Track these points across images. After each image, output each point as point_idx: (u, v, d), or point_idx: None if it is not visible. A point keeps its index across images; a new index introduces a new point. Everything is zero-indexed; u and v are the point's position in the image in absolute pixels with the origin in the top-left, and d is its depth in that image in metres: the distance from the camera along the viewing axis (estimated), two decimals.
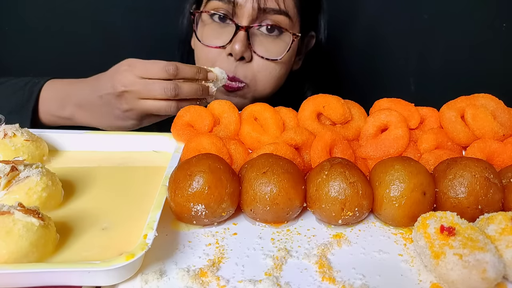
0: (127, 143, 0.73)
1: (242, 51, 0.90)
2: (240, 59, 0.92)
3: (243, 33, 0.90)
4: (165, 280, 0.47)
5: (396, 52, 1.36)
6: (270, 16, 0.91)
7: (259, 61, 0.94)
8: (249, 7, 0.89)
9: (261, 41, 0.93)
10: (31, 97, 0.85)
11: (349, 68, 1.39)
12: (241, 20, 0.91)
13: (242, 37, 0.90)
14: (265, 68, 0.94)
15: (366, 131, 0.71)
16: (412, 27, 1.31)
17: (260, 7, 0.89)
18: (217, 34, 0.94)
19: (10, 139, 0.63)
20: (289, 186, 0.55)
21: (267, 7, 0.89)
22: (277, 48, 0.94)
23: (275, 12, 0.91)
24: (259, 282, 0.47)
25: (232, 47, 0.90)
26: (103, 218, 0.54)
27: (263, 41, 0.93)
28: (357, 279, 0.49)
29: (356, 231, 0.58)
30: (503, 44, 1.30)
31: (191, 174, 0.54)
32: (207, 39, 0.95)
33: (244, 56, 0.91)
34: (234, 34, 0.90)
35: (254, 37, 0.92)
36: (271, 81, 0.97)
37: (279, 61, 0.95)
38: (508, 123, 0.70)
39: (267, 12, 0.90)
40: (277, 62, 0.95)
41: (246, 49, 0.91)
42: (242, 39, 0.90)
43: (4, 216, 0.45)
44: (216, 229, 0.57)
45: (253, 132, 0.70)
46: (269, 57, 0.93)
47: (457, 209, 0.55)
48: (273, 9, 0.90)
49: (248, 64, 0.94)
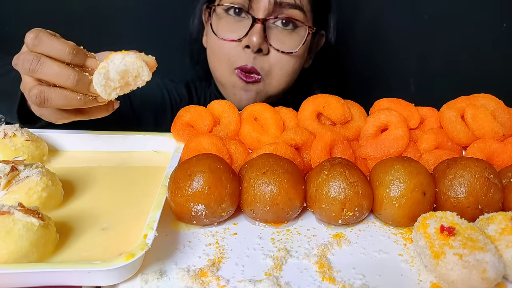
0: (127, 143, 0.73)
1: (259, 43, 0.90)
2: (258, 51, 0.92)
3: (260, 26, 0.90)
4: (165, 280, 0.47)
5: (396, 53, 1.36)
6: (286, 10, 0.92)
7: (275, 54, 0.94)
8: (265, 1, 0.90)
9: (276, 35, 0.94)
10: None
11: (349, 68, 1.39)
12: (257, 13, 0.91)
13: (259, 29, 0.90)
14: (279, 61, 0.95)
15: (366, 131, 0.71)
16: (412, 27, 1.31)
17: (276, 1, 0.90)
18: (232, 28, 0.94)
19: (10, 139, 0.64)
20: (289, 186, 0.55)
21: (283, 1, 0.90)
22: (292, 41, 0.95)
23: (290, 7, 0.92)
24: (259, 282, 0.47)
25: (249, 39, 0.91)
26: (103, 218, 0.54)
27: (278, 35, 0.94)
28: (357, 279, 0.49)
29: (356, 231, 0.58)
30: (503, 44, 1.30)
31: (191, 174, 0.54)
32: (223, 33, 0.95)
33: (262, 48, 0.92)
34: (251, 27, 0.91)
35: (270, 30, 0.93)
36: (285, 75, 0.98)
37: (294, 54, 0.96)
38: (508, 123, 0.70)
39: (282, 6, 0.91)
40: (292, 55, 0.96)
41: (263, 41, 0.91)
42: (259, 31, 0.90)
43: (4, 216, 0.45)
44: (216, 229, 0.57)
45: (253, 132, 0.70)
46: (285, 50, 0.94)
47: (457, 209, 0.55)
48: (289, 3, 0.91)
49: (265, 57, 0.94)
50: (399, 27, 1.32)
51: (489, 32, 1.29)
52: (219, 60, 0.97)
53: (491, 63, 1.32)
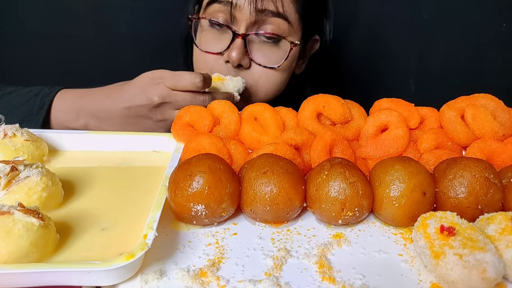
0: (127, 143, 0.73)
1: (239, 59, 0.90)
2: (238, 66, 0.92)
3: (240, 41, 0.90)
4: (165, 280, 0.47)
5: (396, 53, 1.36)
6: (269, 19, 0.90)
7: (258, 68, 0.93)
8: (247, 9, 0.88)
9: (259, 48, 0.92)
10: (42, 108, 0.85)
11: (350, 69, 1.39)
12: (239, 25, 0.90)
13: (239, 44, 0.90)
14: (264, 74, 0.94)
15: (366, 131, 0.71)
16: (412, 27, 1.31)
17: (259, 8, 0.88)
18: (215, 40, 0.93)
19: (10, 139, 0.64)
20: (289, 186, 0.55)
21: (265, 8, 0.89)
22: (275, 56, 0.94)
23: (273, 15, 0.90)
24: (259, 282, 0.47)
25: (229, 55, 0.90)
26: (103, 218, 0.54)
27: (261, 48, 0.93)
28: (357, 279, 0.49)
29: (356, 231, 0.58)
30: (503, 44, 1.30)
31: (191, 174, 0.54)
32: (206, 45, 0.94)
33: (242, 63, 0.91)
34: (232, 41, 0.90)
35: (252, 44, 0.92)
36: (272, 87, 0.97)
37: (277, 69, 0.94)
38: (508, 123, 0.70)
39: (265, 14, 0.89)
40: (276, 70, 0.95)
41: (243, 57, 0.91)
42: (239, 46, 0.89)
43: (4, 216, 0.45)
44: (216, 229, 0.57)
45: (253, 132, 0.70)
46: (267, 64, 0.93)
47: (457, 209, 0.55)
48: (272, 12, 0.89)
49: (248, 71, 0.93)
50: (399, 27, 1.32)
51: (489, 32, 1.29)
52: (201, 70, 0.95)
53: (491, 63, 1.32)
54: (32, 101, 0.86)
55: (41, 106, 0.85)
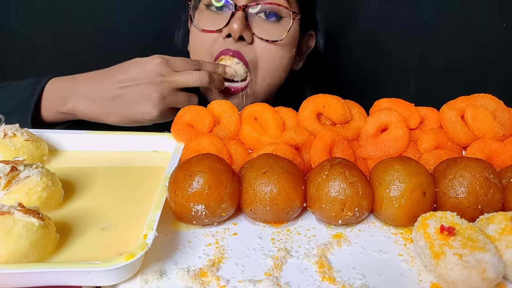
0: (127, 143, 0.73)
1: (240, 30, 0.88)
2: (240, 39, 0.90)
3: (241, 13, 0.88)
4: (165, 280, 0.47)
5: (396, 52, 1.36)
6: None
7: (260, 44, 0.92)
8: None
9: (259, 24, 0.91)
10: (34, 94, 0.85)
11: (350, 68, 1.39)
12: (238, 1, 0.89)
13: (240, 16, 0.88)
14: (267, 51, 0.93)
15: (366, 131, 0.71)
16: (412, 27, 1.31)
17: None
18: (213, 20, 0.92)
19: (10, 139, 0.63)
20: (289, 186, 0.55)
21: None
22: (277, 31, 0.92)
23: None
24: (259, 282, 0.47)
25: (230, 27, 0.88)
26: (103, 218, 0.54)
27: (262, 25, 0.92)
28: (357, 279, 0.49)
29: (356, 231, 0.58)
30: (503, 44, 1.30)
31: (191, 174, 0.54)
32: (204, 25, 0.93)
33: (244, 36, 0.89)
34: (232, 16, 0.88)
35: (252, 20, 0.91)
36: (274, 66, 0.95)
37: (280, 43, 0.92)
38: (508, 123, 0.70)
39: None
40: (279, 46, 0.93)
41: (244, 29, 0.89)
42: (240, 17, 0.88)
43: (4, 216, 0.45)
44: (216, 229, 0.57)
45: (253, 132, 0.70)
46: (269, 38, 0.91)
47: (457, 209, 0.55)
48: None
49: (250, 46, 0.92)
50: (399, 27, 1.32)
51: (490, 32, 1.29)
52: (199, 53, 0.95)
53: (491, 63, 1.32)
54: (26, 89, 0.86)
55: (33, 92, 0.85)
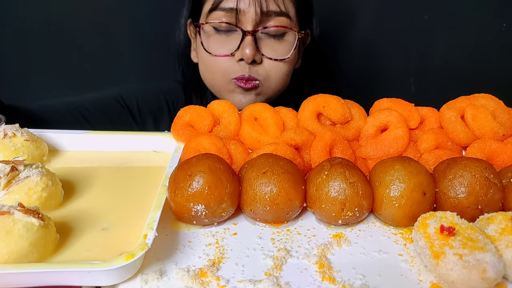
0: (127, 143, 0.73)
1: (253, 55, 0.93)
2: (252, 62, 0.95)
3: (250, 38, 0.93)
4: (165, 280, 0.47)
5: (396, 52, 1.36)
6: (273, 19, 0.94)
7: (269, 62, 0.97)
8: (252, 12, 0.92)
9: (267, 44, 0.96)
10: None
11: (350, 68, 1.39)
12: (245, 26, 0.93)
13: (251, 41, 0.93)
14: (274, 67, 0.98)
15: (366, 131, 0.71)
16: (412, 27, 1.32)
17: (263, 11, 0.92)
18: (223, 43, 0.96)
19: (10, 139, 0.64)
20: (289, 186, 0.55)
21: (269, 10, 0.93)
22: (283, 48, 0.98)
23: (276, 15, 0.93)
24: (259, 282, 0.47)
25: (242, 52, 0.93)
26: (103, 218, 0.54)
27: (269, 43, 0.96)
28: (357, 279, 0.49)
29: (356, 231, 0.58)
30: (503, 44, 1.30)
31: (191, 174, 0.54)
32: (214, 50, 0.97)
33: (255, 59, 0.95)
34: (242, 40, 0.93)
35: (260, 41, 0.96)
36: (282, 78, 1.01)
37: (286, 60, 0.98)
38: (508, 123, 0.70)
39: (269, 15, 0.93)
40: (285, 61, 0.99)
41: (256, 53, 0.94)
42: (251, 42, 0.93)
43: (4, 216, 0.45)
44: (216, 229, 0.57)
45: (253, 132, 0.70)
46: (277, 57, 0.97)
47: (457, 209, 0.55)
48: (275, 12, 0.93)
49: (260, 65, 0.97)
50: (399, 27, 1.32)
51: (489, 32, 1.29)
52: (214, 74, 0.99)
53: (491, 63, 1.32)
54: None
55: None
